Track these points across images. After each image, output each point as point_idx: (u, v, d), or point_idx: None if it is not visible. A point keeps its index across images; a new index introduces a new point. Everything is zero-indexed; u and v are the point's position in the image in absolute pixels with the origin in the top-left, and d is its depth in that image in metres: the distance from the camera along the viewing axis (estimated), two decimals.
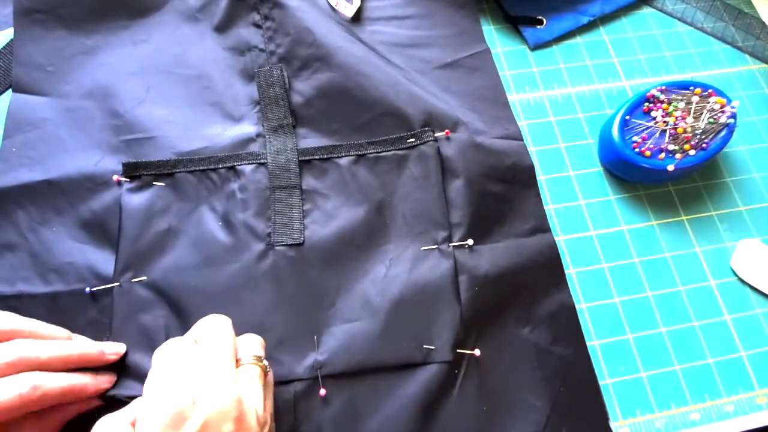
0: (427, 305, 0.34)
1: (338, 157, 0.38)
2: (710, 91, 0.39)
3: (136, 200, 0.36)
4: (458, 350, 0.33)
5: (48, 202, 0.36)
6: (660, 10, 0.48)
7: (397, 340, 0.33)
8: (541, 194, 0.39)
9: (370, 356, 0.32)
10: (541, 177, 0.40)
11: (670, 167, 0.37)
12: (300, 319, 0.33)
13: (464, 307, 0.34)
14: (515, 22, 0.45)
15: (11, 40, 0.42)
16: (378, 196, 0.37)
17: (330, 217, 0.36)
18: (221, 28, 0.43)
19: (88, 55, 0.41)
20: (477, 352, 0.33)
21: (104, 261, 0.34)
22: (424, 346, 0.33)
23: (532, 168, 0.39)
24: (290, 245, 0.35)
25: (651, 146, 0.38)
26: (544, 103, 0.43)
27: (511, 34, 0.46)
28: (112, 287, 0.33)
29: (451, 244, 0.35)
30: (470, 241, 0.35)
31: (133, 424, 0.23)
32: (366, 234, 0.36)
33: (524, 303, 0.35)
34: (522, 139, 0.40)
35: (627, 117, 0.39)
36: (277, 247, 0.35)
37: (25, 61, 0.40)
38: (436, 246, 0.35)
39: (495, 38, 0.46)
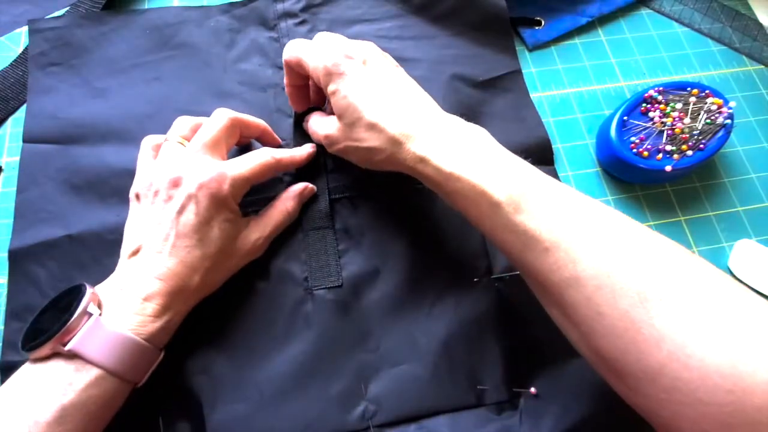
0: (475, 342, 0.33)
1: (370, 193, 0.37)
2: (707, 92, 0.39)
3: None
4: (514, 389, 0.32)
5: (70, 259, 0.34)
6: (657, 12, 0.48)
7: (448, 382, 0.32)
8: None
9: (422, 402, 0.31)
10: None
11: (668, 168, 0.37)
12: (345, 366, 0.32)
13: (512, 341, 0.33)
14: (513, 23, 0.46)
15: (25, 48, 0.41)
16: (413, 231, 0.36)
17: (367, 256, 0.35)
18: (239, 63, 0.41)
19: (99, 99, 0.39)
20: (533, 389, 0.32)
21: None
22: (477, 387, 0.32)
23: None
24: (329, 288, 0.34)
25: (648, 147, 0.38)
26: (543, 104, 0.43)
27: None
28: None
29: (492, 276, 0.34)
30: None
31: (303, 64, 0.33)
32: (405, 271, 0.35)
33: None
34: (553, 164, 0.40)
35: (625, 118, 0.39)
36: (316, 292, 0.34)
37: (37, 112, 0.38)
38: (477, 279, 0.35)
39: None
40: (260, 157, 0.33)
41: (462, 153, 0.28)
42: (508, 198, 0.26)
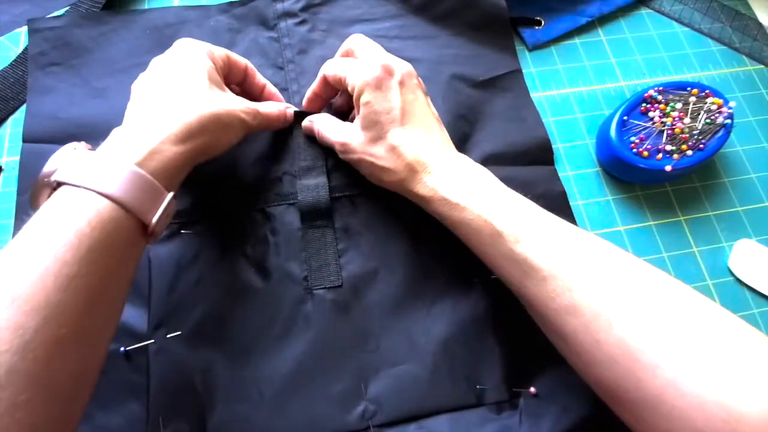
0: (475, 342, 0.33)
1: (370, 192, 0.36)
2: (707, 91, 0.39)
3: (164, 251, 0.34)
4: (514, 388, 0.32)
5: None
6: (657, 11, 0.48)
7: (448, 382, 0.32)
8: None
9: (422, 402, 0.32)
10: None
11: (668, 167, 0.37)
12: (345, 366, 0.32)
13: (512, 341, 0.33)
14: (513, 23, 0.45)
15: (25, 48, 0.41)
16: (413, 231, 0.36)
17: (367, 255, 0.35)
18: None
19: (99, 99, 0.39)
20: (532, 389, 0.32)
21: (136, 317, 0.32)
22: (477, 386, 0.32)
23: (563, 194, 0.39)
24: (329, 288, 0.34)
25: (648, 147, 0.38)
26: (542, 104, 0.43)
27: None
28: (147, 345, 0.32)
29: (492, 276, 0.34)
30: None
31: (343, 80, 0.33)
32: (405, 271, 0.35)
33: None
34: (553, 164, 0.40)
35: (625, 117, 0.39)
36: (316, 291, 0.34)
37: (36, 112, 0.38)
38: (477, 279, 0.35)
39: None
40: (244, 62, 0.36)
41: (468, 187, 0.31)
42: (509, 229, 0.28)
